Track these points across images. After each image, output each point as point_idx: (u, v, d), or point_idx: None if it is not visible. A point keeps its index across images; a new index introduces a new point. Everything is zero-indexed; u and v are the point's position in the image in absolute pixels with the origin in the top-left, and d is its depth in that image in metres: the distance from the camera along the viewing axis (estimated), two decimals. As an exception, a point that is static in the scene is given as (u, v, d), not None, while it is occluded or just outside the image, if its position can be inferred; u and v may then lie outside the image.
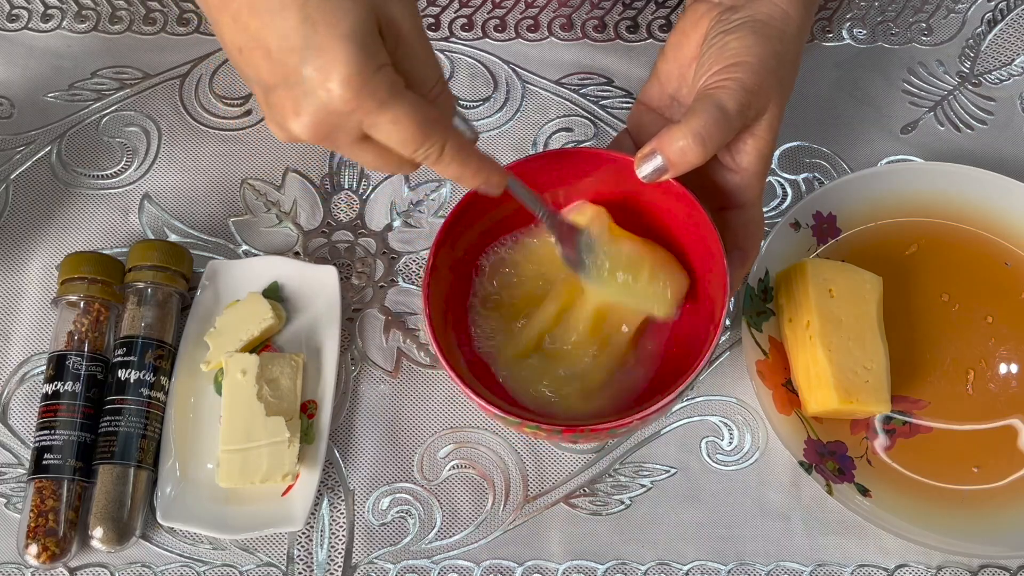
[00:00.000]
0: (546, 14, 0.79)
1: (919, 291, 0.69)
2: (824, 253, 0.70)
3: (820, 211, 0.70)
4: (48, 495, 0.61)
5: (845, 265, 0.66)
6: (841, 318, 0.64)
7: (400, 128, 0.47)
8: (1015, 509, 0.63)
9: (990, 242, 0.70)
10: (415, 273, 0.71)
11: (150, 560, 0.63)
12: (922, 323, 0.68)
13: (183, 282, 0.67)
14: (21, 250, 0.71)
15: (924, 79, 0.77)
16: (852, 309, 0.64)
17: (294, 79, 0.46)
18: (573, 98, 0.76)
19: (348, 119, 0.47)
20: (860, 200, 0.70)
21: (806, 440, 0.64)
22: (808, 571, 0.63)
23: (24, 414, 0.66)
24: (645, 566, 0.64)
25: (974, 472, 0.64)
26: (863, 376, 0.62)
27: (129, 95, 0.76)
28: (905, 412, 0.66)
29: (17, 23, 0.78)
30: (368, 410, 0.67)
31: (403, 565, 0.63)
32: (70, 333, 0.65)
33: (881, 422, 0.66)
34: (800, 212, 0.69)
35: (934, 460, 0.65)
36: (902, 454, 0.65)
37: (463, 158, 0.50)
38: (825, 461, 0.63)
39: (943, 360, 0.67)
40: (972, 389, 0.67)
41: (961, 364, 0.67)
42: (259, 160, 0.74)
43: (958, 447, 0.65)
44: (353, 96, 0.46)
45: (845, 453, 0.65)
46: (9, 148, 0.74)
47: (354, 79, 0.45)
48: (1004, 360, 0.67)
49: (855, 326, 0.64)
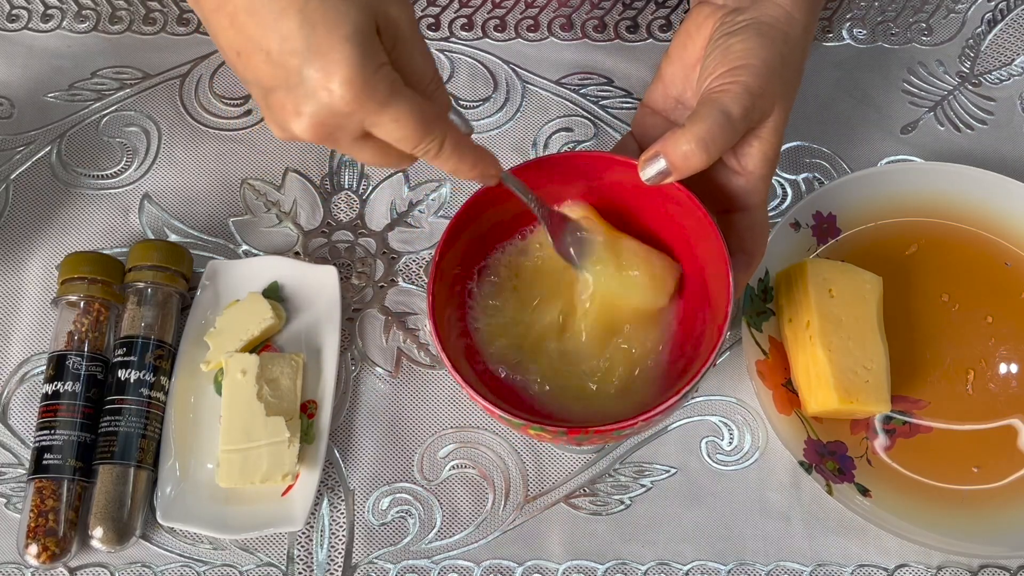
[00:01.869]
0: (546, 14, 0.79)
1: (919, 291, 0.69)
2: (824, 253, 0.70)
3: (820, 211, 0.70)
4: (48, 495, 0.61)
5: (845, 265, 0.66)
6: (841, 318, 0.64)
7: (401, 126, 0.48)
8: (1015, 509, 0.63)
9: (990, 242, 0.70)
10: (415, 273, 0.71)
11: (150, 560, 0.63)
12: (922, 323, 0.68)
13: (183, 282, 0.67)
14: (21, 250, 0.71)
15: (924, 79, 0.77)
16: (852, 309, 0.64)
17: (295, 80, 0.46)
18: (573, 98, 0.76)
19: (350, 119, 0.47)
20: (860, 200, 0.70)
21: (806, 440, 0.64)
22: (808, 571, 0.63)
23: (24, 414, 0.66)
24: (645, 566, 0.64)
25: (974, 472, 0.64)
26: (863, 376, 0.62)
27: (129, 95, 0.76)
28: (905, 412, 0.66)
29: (17, 23, 0.78)
30: (368, 410, 0.67)
31: (403, 565, 0.63)
32: (70, 333, 0.65)
33: (881, 422, 0.66)
34: (800, 212, 0.69)
35: (934, 460, 0.65)
36: (902, 454, 0.65)
37: (460, 152, 0.50)
38: (825, 461, 0.63)
39: (943, 360, 0.67)
40: (972, 389, 0.67)
41: (961, 364, 0.67)
42: (259, 160, 0.74)
43: (958, 447, 0.65)
44: (354, 97, 0.46)
45: (845, 453, 0.65)
46: (9, 148, 0.74)
47: (356, 80, 0.45)
48: (1004, 360, 0.67)
49: (855, 326, 0.64)
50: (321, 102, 0.46)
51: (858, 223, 0.70)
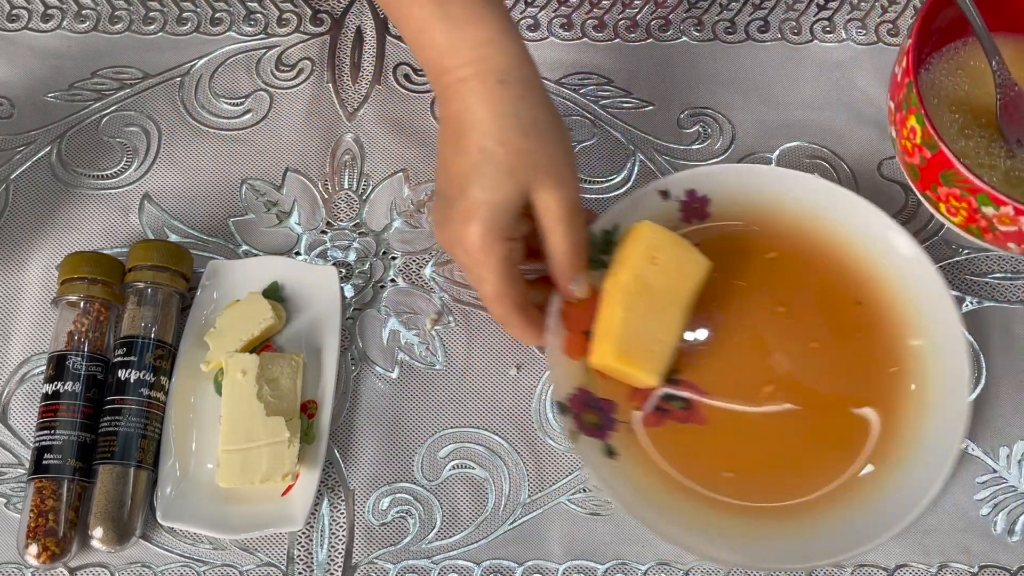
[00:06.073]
0: (546, 14, 0.79)
1: (759, 296, 0.68)
2: (686, 233, 0.68)
3: (696, 190, 0.69)
4: (48, 495, 0.61)
5: (681, 240, 0.65)
6: (654, 286, 0.63)
7: (483, 286, 0.62)
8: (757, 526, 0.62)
9: (848, 273, 0.68)
10: (415, 273, 0.71)
11: (150, 560, 0.63)
12: (747, 326, 0.67)
13: (183, 282, 0.67)
14: (21, 250, 0.71)
15: (924, 79, 0.77)
16: (669, 281, 0.64)
17: (458, 197, 0.60)
18: (573, 98, 0.76)
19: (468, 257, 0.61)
20: (738, 193, 0.69)
21: (579, 388, 0.64)
22: (808, 571, 0.63)
23: (24, 414, 0.66)
24: (645, 566, 0.64)
25: (724, 477, 0.63)
26: (647, 345, 0.63)
27: (129, 95, 0.76)
28: (688, 398, 0.65)
29: (17, 23, 0.78)
30: (368, 410, 0.67)
31: (403, 565, 0.64)
32: (70, 333, 0.65)
33: (661, 399, 0.65)
34: (674, 183, 0.69)
35: (693, 453, 0.64)
36: (665, 436, 0.64)
37: (508, 323, 0.63)
38: (587, 412, 0.63)
39: (752, 366, 0.66)
40: (767, 398, 0.65)
41: (767, 375, 0.66)
42: (259, 160, 0.74)
43: (723, 449, 0.64)
44: (477, 243, 0.60)
45: (611, 414, 0.64)
46: (9, 148, 0.74)
47: (484, 235, 0.59)
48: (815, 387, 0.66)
49: (664, 298, 0.64)
50: (458, 228, 0.60)
51: (730, 216, 0.69)
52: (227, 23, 0.78)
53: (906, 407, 0.65)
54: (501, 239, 0.60)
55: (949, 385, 0.64)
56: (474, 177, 0.59)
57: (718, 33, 0.79)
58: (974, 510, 0.65)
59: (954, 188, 0.54)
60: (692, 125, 0.76)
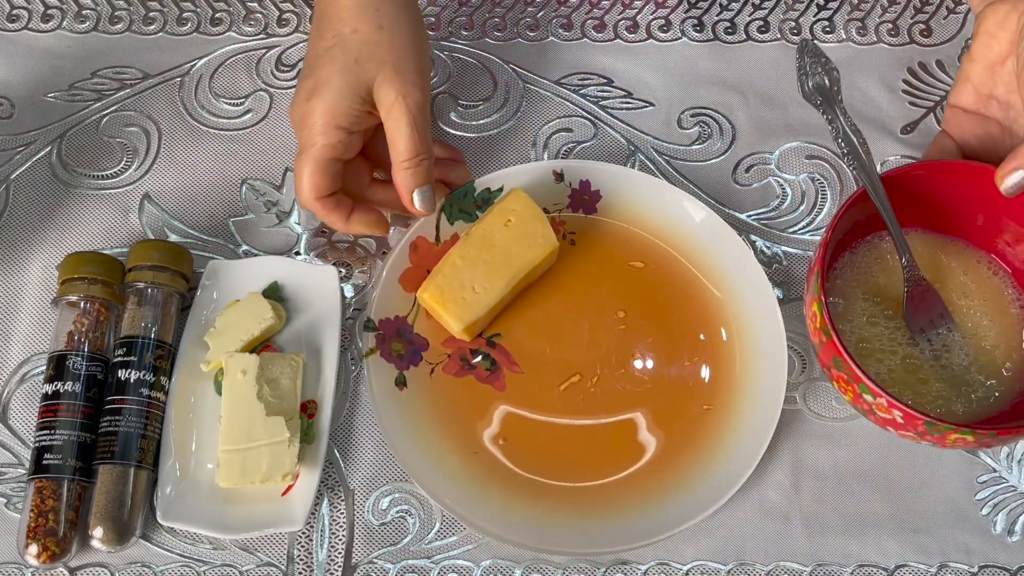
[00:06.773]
0: (546, 14, 0.79)
1: (607, 298, 0.69)
2: (569, 219, 0.70)
3: (590, 181, 0.70)
4: (48, 495, 0.61)
5: (540, 214, 0.67)
6: (496, 245, 0.65)
7: (301, 168, 0.64)
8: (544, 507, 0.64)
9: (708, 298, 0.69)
10: (415, 273, 0.71)
11: (150, 560, 0.63)
12: (582, 319, 0.68)
13: (183, 282, 0.67)
14: (21, 250, 0.71)
15: (924, 79, 0.77)
16: (510, 246, 0.66)
17: (308, 76, 0.64)
18: (573, 98, 0.76)
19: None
20: (627, 195, 0.70)
21: (397, 316, 0.66)
22: (808, 571, 0.64)
23: (24, 414, 0.66)
24: (645, 566, 0.64)
25: (500, 443, 0.65)
26: (465, 293, 0.65)
27: (129, 95, 0.76)
28: (497, 362, 0.67)
29: (17, 23, 0.78)
30: (368, 410, 0.67)
31: (403, 565, 0.64)
32: (70, 333, 0.65)
33: (471, 353, 0.67)
34: (570, 169, 0.70)
35: (478, 411, 0.66)
36: (459, 387, 0.66)
37: (312, 209, 0.65)
38: (395, 340, 0.66)
39: (567, 352, 0.67)
40: (570, 386, 0.67)
41: (575, 367, 0.67)
42: (259, 160, 0.74)
43: (513, 417, 0.66)
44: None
45: (420, 351, 0.67)
46: (9, 148, 0.74)
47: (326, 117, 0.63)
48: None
49: (499, 258, 0.65)
50: (302, 105, 0.64)
51: (617, 217, 0.71)
52: (227, 23, 0.78)
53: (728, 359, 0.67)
54: (336, 126, 0.62)
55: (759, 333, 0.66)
56: (325, 59, 0.63)
57: (718, 33, 0.79)
58: (974, 510, 0.65)
59: (843, 372, 0.58)
60: (692, 125, 0.76)
